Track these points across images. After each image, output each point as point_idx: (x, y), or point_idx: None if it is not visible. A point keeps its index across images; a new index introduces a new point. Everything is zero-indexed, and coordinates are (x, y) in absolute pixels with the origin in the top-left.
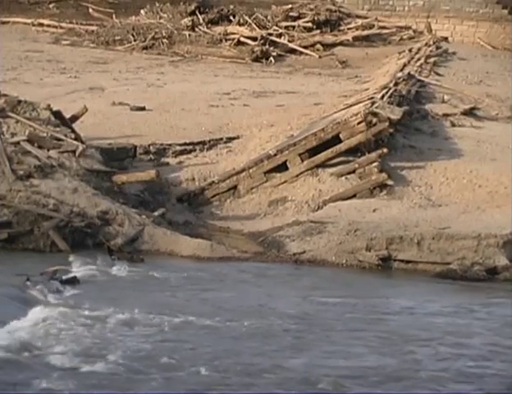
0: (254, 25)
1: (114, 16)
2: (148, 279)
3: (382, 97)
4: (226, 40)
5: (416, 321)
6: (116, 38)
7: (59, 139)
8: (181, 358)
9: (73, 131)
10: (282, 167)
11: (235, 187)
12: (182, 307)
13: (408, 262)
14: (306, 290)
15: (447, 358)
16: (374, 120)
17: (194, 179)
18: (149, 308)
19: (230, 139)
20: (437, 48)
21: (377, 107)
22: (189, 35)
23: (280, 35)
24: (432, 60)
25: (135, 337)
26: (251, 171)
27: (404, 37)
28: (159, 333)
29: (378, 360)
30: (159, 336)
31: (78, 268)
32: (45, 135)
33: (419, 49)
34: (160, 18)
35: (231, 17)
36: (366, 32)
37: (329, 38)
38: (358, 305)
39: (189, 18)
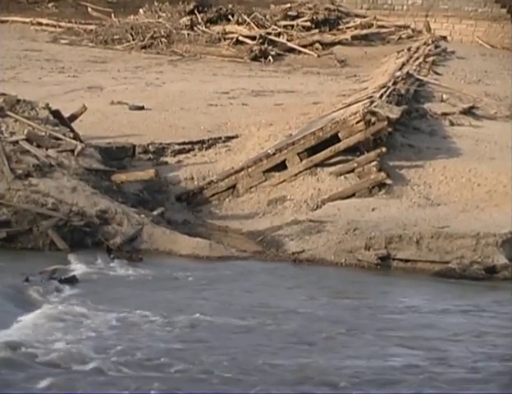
0: (253, 25)
1: (113, 16)
2: (147, 278)
3: (381, 96)
4: (225, 39)
5: (432, 320)
6: (115, 37)
7: (58, 139)
8: (186, 357)
9: (72, 130)
10: (281, 167)
11: (233, 186)
12: (183, 306)
13: (407, 261)
14: (313, 290)
15: (472, 357)
16: (373, 119)
17: (192, 178)
18: (150, 307)
19: (228, 139)
20: (436, 47)
21: (375, 107)
22: (188, 34)
23: (278, 34)
24: (430, 59)
25: (136, 337)
26: (250, 170)
27: (403, 36)
28: (160, 332)
29: (408, 360)
30: (160, 335)
31: (77, 268)
32: (44, 134)
33: (418, 48)
34: (159, 17)
35: (230, 16)
36: (365, 31)
37: (328, 37)
38: (369, 305)
39: (188, 17)
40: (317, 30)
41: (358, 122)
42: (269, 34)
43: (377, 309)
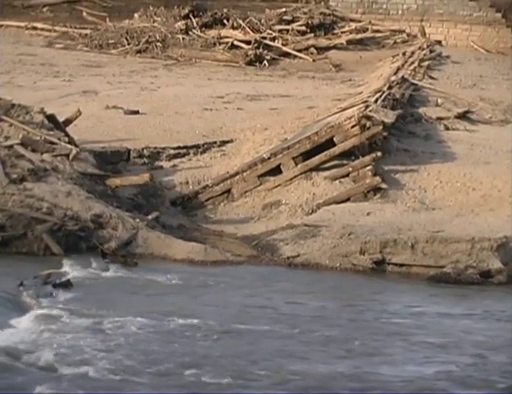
0: (248, 29)
1: (108, 20)
2: (142, 283)
3: (376, 100)
4: (220, 44)
5: (452, 325)
6: (110, 41)
7: (53, 143)
8: (187, 363)
9: (66, 135)
10: (276, 171)
11: (228, 191)
12: (178, 310)
13: (401, 265)
14: (318, 294)
15: (501, 362)
16: (368, 123)
17: (187, 182)
18: (145, 311)
19: (223, 143)
20: (431, 51)
21: (370, 111)
22: (183, 39)
23: (273, 39)
24: (425, 63)
25: (132, 341)
26: (245, 174)
27: (398, 40)
28: (157, 337)
29: (438, 366)
30: (157, 339)
31: (71, 272)
32: (39, 138)
33: (413, 53)
34: (154, 22)
35: (225, 21)
36: (360, 35)
37: (323, 41)
38: (380, 310)
39: (183, 22)
40: (312, 35)
41: (353, 127)
42: (264, 38)
43: (390, 314)
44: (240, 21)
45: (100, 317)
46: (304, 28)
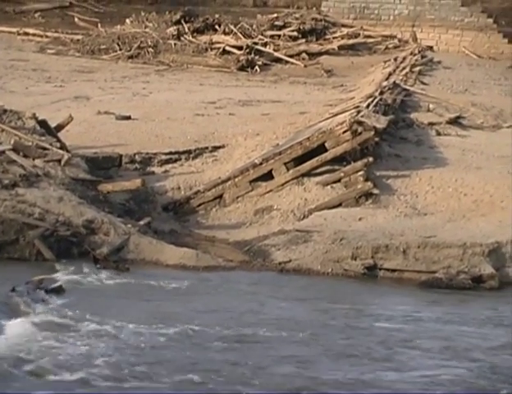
0: (240, 34)
1: (99, 25)
2: (134, 288)
3: (368, 106)
4: (212, 49)
5: (452, 331)
6: (102, 47)
7: (44, 149)
8: (188, 368)
9: (58, 140)
10: (268, 176)
11: (220, 196)
12: (171, 316)
13: (393, 270)
14: (314, 301)
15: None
16: (360, 129)
17: (179, 188)
18: (137, 317)
19: (215, 148)
20: (422, 56)
21: (362, 116)
22: (175, 44)
23: (265, 44)
24: (417, 69)
25: (124, 347)
26: (237, 180)
27: (390, 46)
28: (148, 343)
29: (444, 371)
30: (148, 345)
31: (63, 277)
32: (30, 144)
33: (404, 58)
34: (145, 27)
35: (217, 26)
36: (351, 41)
37: (314, 47)
38: (379, 316)
39: (175, 27)
40: (303, 40)
41: (344, 132)
42: (256, 43)
43: (389, 320)
44: (232, 27)
45: (92, 322)
46: (295, 33)
